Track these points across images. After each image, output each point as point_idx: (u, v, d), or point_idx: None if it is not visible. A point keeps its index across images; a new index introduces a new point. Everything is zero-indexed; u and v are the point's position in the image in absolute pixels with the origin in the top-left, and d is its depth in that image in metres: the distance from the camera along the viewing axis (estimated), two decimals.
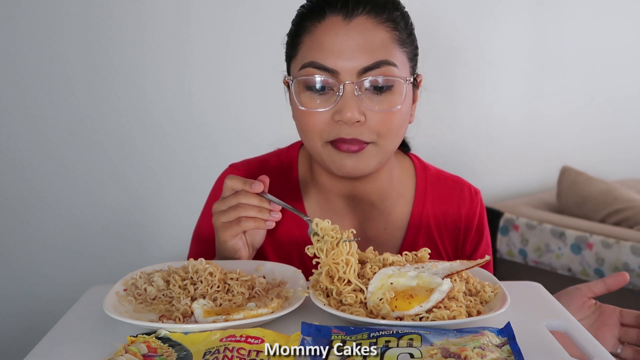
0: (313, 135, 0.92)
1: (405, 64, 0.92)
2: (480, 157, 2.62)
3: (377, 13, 0.90)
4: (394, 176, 1.05)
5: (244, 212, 0.86)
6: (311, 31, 0.91)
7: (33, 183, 1.79)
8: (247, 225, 0.87)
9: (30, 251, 1.81)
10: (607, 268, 1.98)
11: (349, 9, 0.89)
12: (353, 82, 0.87)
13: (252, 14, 1.99)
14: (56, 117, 1.78)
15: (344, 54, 0.87)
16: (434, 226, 1.05)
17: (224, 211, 0.88)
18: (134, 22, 1.84)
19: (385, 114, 0.89)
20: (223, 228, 0.89)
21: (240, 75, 2.01)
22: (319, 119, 0.90)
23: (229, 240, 0.90)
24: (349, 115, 0.87)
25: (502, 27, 2.56)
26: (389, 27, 0.90)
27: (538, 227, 2.18)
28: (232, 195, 0.88)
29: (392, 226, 1.04)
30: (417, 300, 0.73)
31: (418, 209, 1.05)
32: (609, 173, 2.77)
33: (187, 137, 1.97)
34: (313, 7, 0.93)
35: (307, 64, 0.90)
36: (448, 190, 1.07)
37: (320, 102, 0.90)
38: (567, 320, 0.77)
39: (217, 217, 0.89)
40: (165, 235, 1.98)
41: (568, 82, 2.76)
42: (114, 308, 0.75)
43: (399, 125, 0.92)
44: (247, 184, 0.87)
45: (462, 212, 1.06)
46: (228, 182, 0.89)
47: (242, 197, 0.87)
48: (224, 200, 0.89)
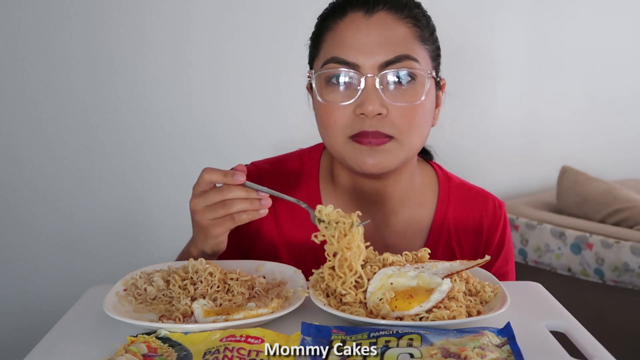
0: (335, 131, 0.91)
1: (427, 61, 0.92)
2: (480, 157, 2.61)
3: (398, 9, 0.90)
4: (415, 183, 1.04)
5: (234, 207, 0.83)
6: (333, 28, 0.91)
7: (33, 183, 1.79)
8: (241, 219, 0.84)
9: (30, 251, 1.82)
10: (607, 268, 1.98)
11: (369, 5, 0.89)
12: (374, 75, 0.87)
13: (254, 15, 1.99)
14: (58, 117, 1.78)
15: (365, 48, 0.88)
16: (454, 236, 1.03)
17: (209, 207, 0.84)
18: (135, 23, 1.84)
19: (407, 108, 0.89)
20: (213, 225, 0.85)
21: (242, 76, 2.01)
22: (341, 113, 0.90)
23: (221, 236, 0.88)
24: (371, 108, 0.87)
25: (502, 27, 2.56)
26: (410, 23, 0.91)
27: (538, 227, 2.18)
28: (215, 191, 0.83)
29: (412, 234, 1.03)
30: (417, 300, 0.73)
31: (439, 217, 1.03)
32: (609, 173, 2.77)
33: (189, 138, 1.97)
34: (335, 6, 0.94)
35: (329, 60, 0.90)
36: (471, 201, 1.06)
37: (342, 96, 0.89)
38: (567, 320, 0.76)
39: (203, 214, 0.84)
40: (166, 235, 1.97)
41: (568, 82, 2.76)
42: (114, 308, 0.75)
43: (421, 121, 0.91)
44: (229, 176, 0.83)
45: (484, 224, 1.04)
46: (205, 175, 0.84)
47: (227, 192, 0.82)
48: (206, 195, 0.84)
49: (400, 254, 0.84)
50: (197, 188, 0.85)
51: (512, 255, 1.09)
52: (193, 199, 0.85)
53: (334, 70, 0.89)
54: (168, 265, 0.87)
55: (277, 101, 2.04)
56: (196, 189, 0.85)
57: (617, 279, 1.96)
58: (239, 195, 0.82)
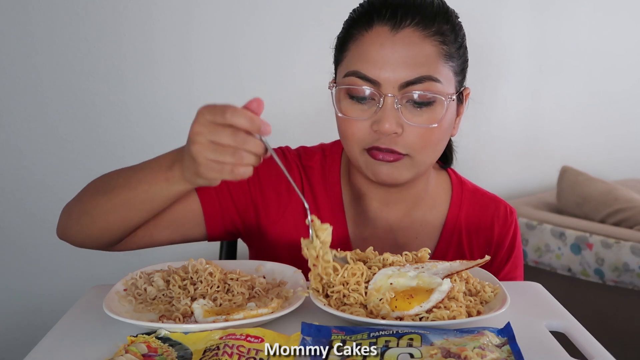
0: (352, 142, 0.92)
1: (450, 80, 0.92)
2: (480, 157, 2.61)
3: (426, 25, 0.89)
4: (429, 187, 1.05)
5: (244, 160, 0.70)
6: (358, 39, 0.90)
7: (33, 182, 1.79)
8: (239, 173, 0.71)
9: (30, 250, 1.82)
10: (607, 268, 1.98)
11: (397, 20, 0.88)
12: (394, 95, 0.87)
13: (260, 15, 1.99)
14: (64, 115, 1.79)
15: (388, 65, 0.87)
16: (466, 239, 1.04)
17: (216, 145, 0.70)
18: (141, 23, 1.84)
19: (423, 130, 0.89)
20: (209, 167, 0.71)
21: (248, 76, 2.01)
22: (358, 127, 0.90)
23: (213, 183, 0.75)
24: (387, 127, 0.87)
25: (503, 27, 2.56)
26: (437, 40, 0.89)
27: (538, 227, 2.18)
28: (231, 131, 0.70)
29: (424, 235, 1.04)
30: (417, 300, 0.73)
31: (451, 220, 1.04)
32: (609, 173, 2.77)
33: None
34: (362, 13, 0.92)
35: (350, 73, 0.90)
36: (483, 206, 1.06)
37: (360, 111, 0.90)
38: (567, 320, 0.77)
39: (204, 149, 0.70)
40: None
41: (568, 83, 2.76)
42: (114, 308, 0.75)
43: (437, 142, 0.92)
44: (256, 123, 0.70)
45: (495, 229, 1.05)
46: (228, 113, 0.69)
47: (245, 142, 0.70)
48: (216, 130, 0.70)
49: (400, 254, 0.84)
50: (209, 117, 0.70)
51: (521, 262, 1.09)
52: (198, 126, 0.71)
53: (354, 85, 0.89)
54: (168, 265, 0.87)
55: (286, 101, 2.03)
56: (206, 116, 0.71)
57: (617, 279, 1.96)
58: (256, 150, 0.71)
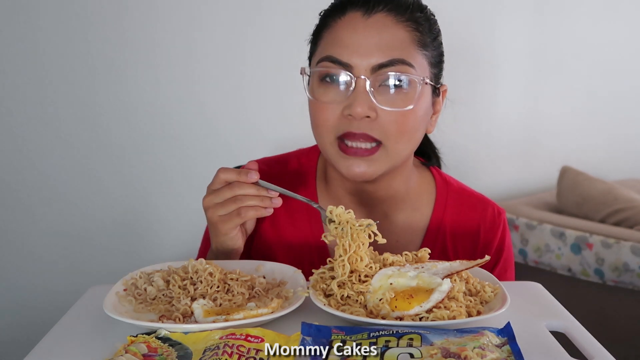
0: (324, 130, 0.90)
1: (425, 67, 0.90)
2: (480, 157, 2.61)
3: (399, 12, 0.89)
4: (411, 187, 1.02)
5: (244, 203, 0.85)
6: (331, 26, 0.91)
7: (34, 182, 1.79)
8: (248, 215, 0.86)
9: (30, 250, 1.82)
10: (607, 268, 1.98)
11: (369, 5, 0.88)
12: (366, 77, 0.86)
13: (264, 12, 1.99)
14: (66, 115, 1.80)
15: (360, 49, 0.87)
16: (450, 241, 1.02)
17: (220, 204, 0.86)
18: (145, 21, 1.85)
19: (397, 114, 0.87)
20: (222, 221, 0.87)
21: (251, 74, 2.01)
22: (330, 113, 0.89)
23: (229, 232, 0.89)
24: (359, 110, 0.85)
25: (503, 27, 2.56)
26: (410, 27, 0.89)
27: (538, 227, 2.18)
28: (227, 187, 0.86)
29: (407, 238, 1.01)
30: (417, 300, 0.73)
31: (435, 222, 1.02)
32: (609, 173, 2.77)
33: (196, 138, 1.97)
34: (336, 4, 0.93)
35: (323, 58, 0.89)
36: (469, 206, 1.04)
37: (332, 96, 0.89)
38: (567, 320, 0.76)
39: (214, 211, 0.87)
40: (166, 235, 1.97)
41: (568, 82, 2.76)
42: (114, 308, 0.75)
43: (412, 129, 0.90)
44: (242, 174, 0.85)
45: (481, 232, 1.02)
46: (221, 174, 0.87)
47: (238, 189, 0.85)
48: (218, 192, 0.86)
49: (400, 254, 0.84)
50: (212, 186, 0.88)
51: (511, 264, 1.06)
52: (206, 197, 0.88)
53: (327, 69, 0.88)
54: (168, 265, 0.87)
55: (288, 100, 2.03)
56: (211, 187, 0.88)
57: (617, 279, 1.96)
58: (249, 192, 0.85)
